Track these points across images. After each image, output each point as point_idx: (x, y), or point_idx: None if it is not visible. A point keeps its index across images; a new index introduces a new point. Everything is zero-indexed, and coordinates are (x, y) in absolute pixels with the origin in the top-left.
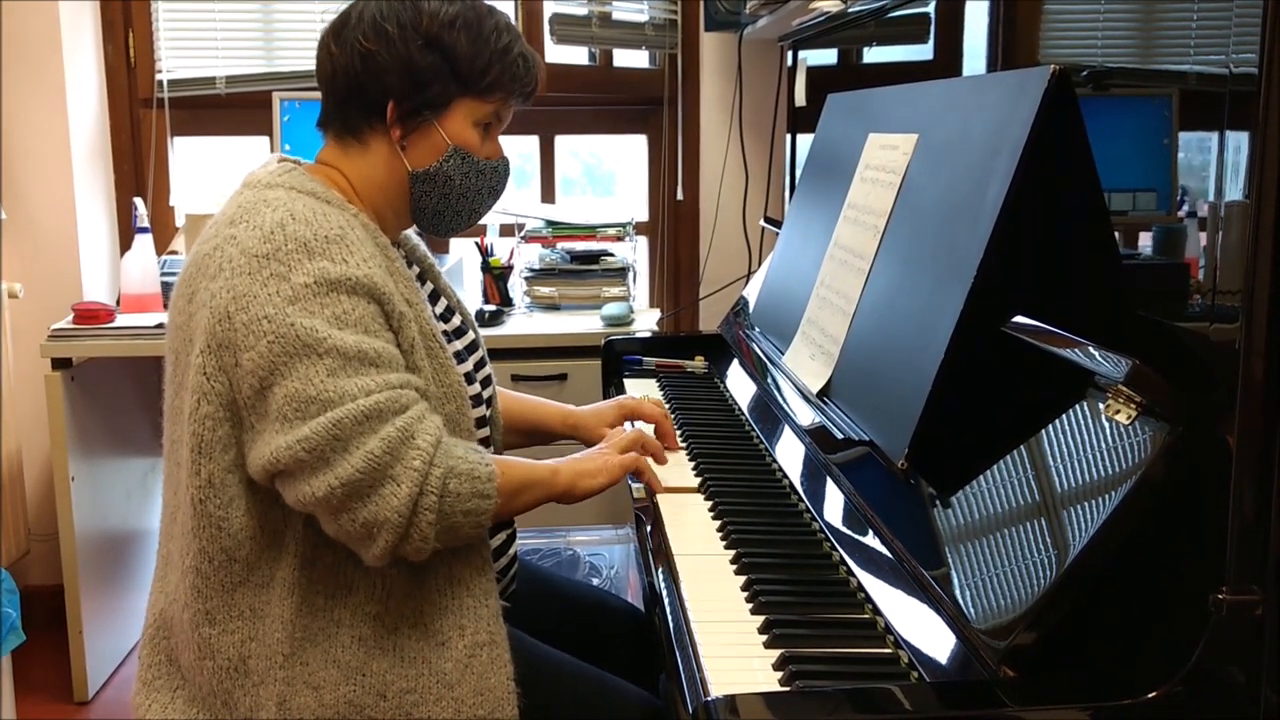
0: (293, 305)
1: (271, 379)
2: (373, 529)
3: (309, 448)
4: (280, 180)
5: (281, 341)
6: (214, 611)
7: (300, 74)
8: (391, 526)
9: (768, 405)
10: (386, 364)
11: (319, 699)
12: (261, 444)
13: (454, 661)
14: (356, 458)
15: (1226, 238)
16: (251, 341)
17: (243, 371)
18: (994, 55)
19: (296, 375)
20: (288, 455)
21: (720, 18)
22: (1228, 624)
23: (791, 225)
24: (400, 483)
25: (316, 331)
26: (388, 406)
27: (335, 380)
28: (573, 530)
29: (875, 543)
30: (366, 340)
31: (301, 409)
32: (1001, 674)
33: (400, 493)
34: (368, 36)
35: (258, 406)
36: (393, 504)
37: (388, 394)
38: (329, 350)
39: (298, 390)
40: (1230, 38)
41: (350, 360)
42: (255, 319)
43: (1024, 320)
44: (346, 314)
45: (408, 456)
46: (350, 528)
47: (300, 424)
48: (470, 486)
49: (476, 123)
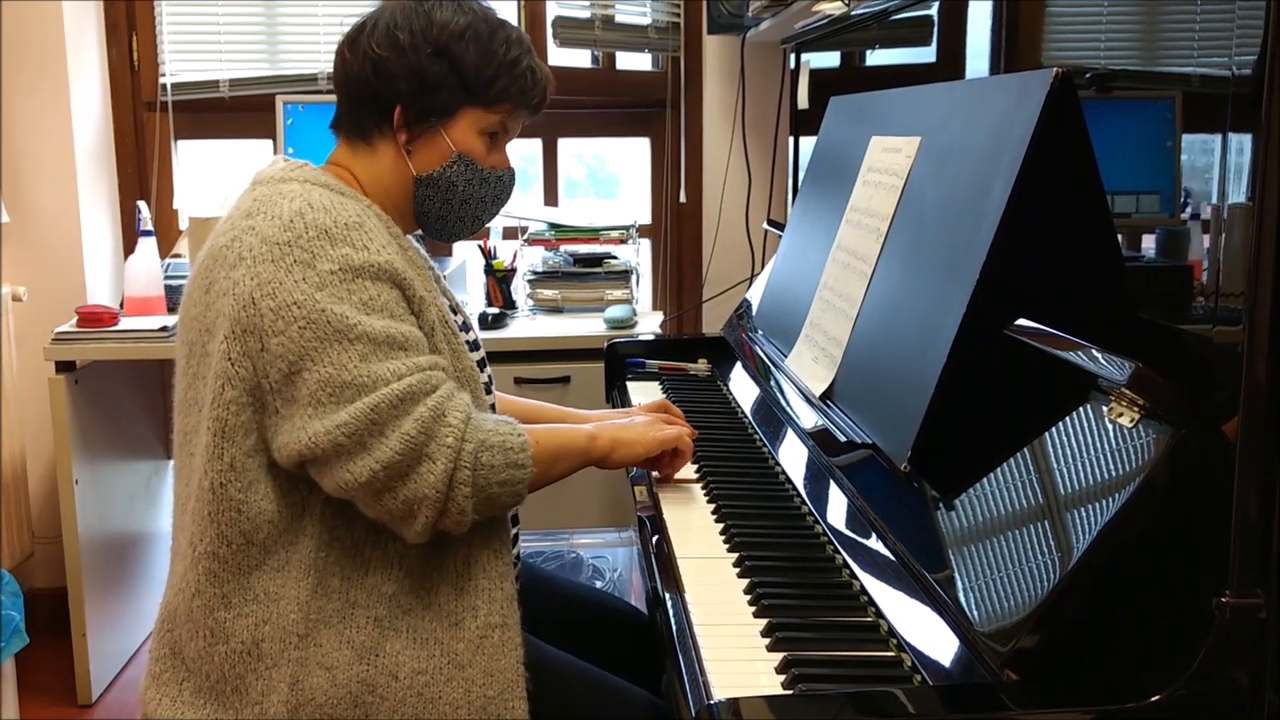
0: (321, 291)
1: (301, 364)
2: (414, 506)
3: (348, 433)
4: (293, 174)
5: (313, 327)
6: (230, 595)
7: (304, 77)
8: (430, 502)
9: (770, 408)
10: (414, 347)
11: (332, 679)
12: (293, 429)
13: (466, 642)
14: (394, 440)
15: (1229, 240)
16: (281, 327)
17: (270, 356)
18: (997, 58)
19: (329, 361)
20: (327, 440)
21: (723, 20)
22: (1231, 627)
23: (794, 228)
24: (435, 460)
25: (347, 318)
26: (419, 388)
27: (368, 365)
28: (576, 533)
29: (878, 545)
30: (393, 325)
31: (336, 394)
32: (1005, 677)
33: (436, 469)
34: (380, 43)
35: (284, 391)
36: (430, 480)
37: (419, 376)
38: (359, 336)
39: (331, 375)
40: (1233, 40)
41: (380, 345)
42: (283, 305)
43: (1026, 323)
44: (373, 299)
45: (440, 434)
46: (393, 506)
47: (336, 409)
48: (503, 458)
49: (482, 132)
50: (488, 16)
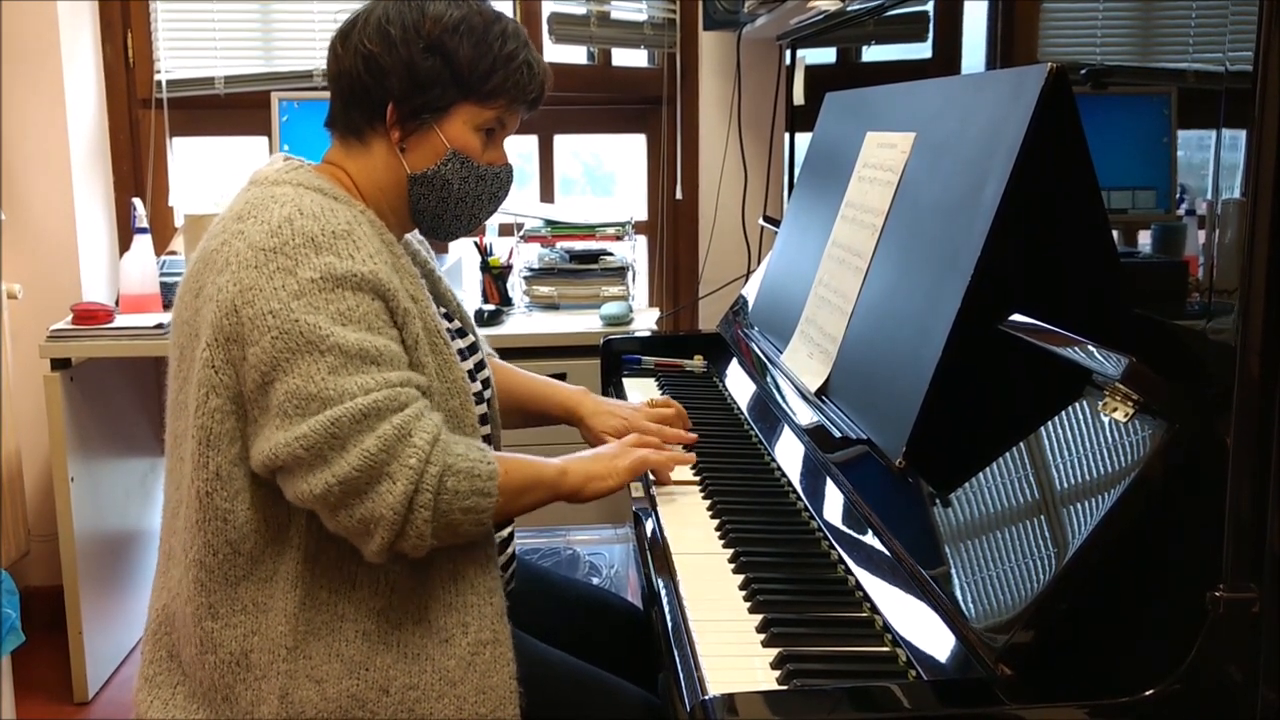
0: (297, 300)
1: (274, 374)
2: (370, 525)
3: (307, 445)
4: (288, 177)
5: (285, 338)
6: (217, 605)
7: (299, 74)
8: (388, 523)
9: (766, 404)
10: (388, 362)
11: (321, 693)
12: (262, 439)
13: (457, 659)
14: (353, 456)
15: (1223, 236)
16: (257, 336)
17: (248, 365)
18: (993, 53)
19: (298, 372)
20: (286, 452)
21: (719, 17)
22: (1225, 622)
23: (790, 224)
24: (396, 480)
25: (320, 329)
26: (386, 405)
27: (336, 378)
28: (572, 530)
29: (873, 541)
30: (369, 338)
31: (302, 406)
32: (999, 672)
33: (395, 490)
34: (371, 39)
35: (260, 401)
36: (388, 501)
37: (387, 392)
38: (331, 348)
39: (299, 387)
40: (1227, 35)
41: (352, 358)
42: (261, 313)
43: (1021, 318)
44: (350, 310)
45: (404, 455)
46: (348, 523)
47: (300, 421)
48: (469, 484)
49: (478, 128)
50: (483, 10)
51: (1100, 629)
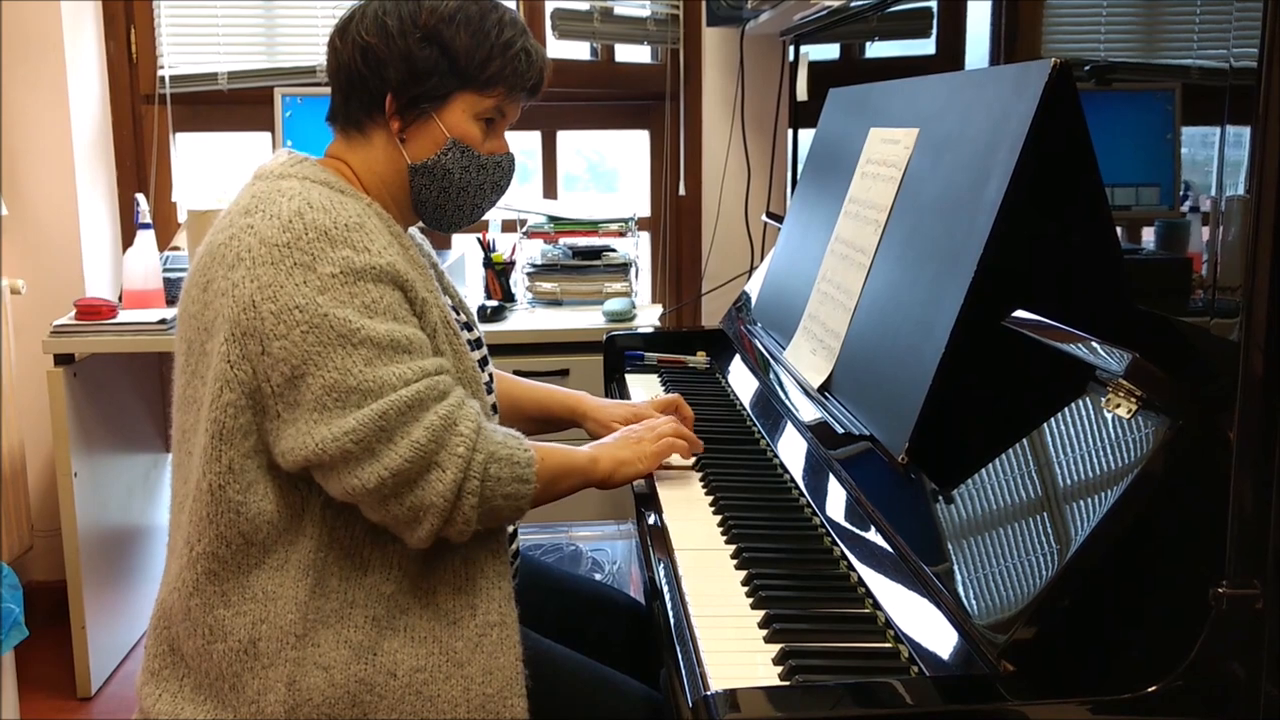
0: (323, 295)
1: (305, 369)
2: (419, 513)
3: (356, 439)
4: (293, 171)
5: (316, 332)
6: (229, 593)
7: (302, 69)
8: (437, 511)
9: (769, 400)
10: (418, 350)
11: (329, 679)
12: (297, 434)
13: (465, 640)
14: (403, 447)
15: (1227, 232)
16: (282, 331)
17: (271, 360)
18: (996, 49)
19: (332, 365)
20: (335, 447)
21: (722, 12)
22: (1227, 618)
23: (793, 220)
24: (446, 469)
25: (350, 322)
26: (428, 394)
27: (373, 370)
28: (575, 525)
29: (876, 538)
30: (397, 328)
31: (342, 399)
32: (1002, 668)
33: (446, 478)
34: (369, 31)
35: (287, 395)
36: (439, 489)
37: (427, 381)
38: (363, 340)
39: (336, 381)
40: (1231, 32)
41: (384, 349)
42: (285, 309)
43: (1024, 315)
44: (375, 302)
45: (452, 443)
46: (398, 512)
47: (342, 415)
48: (510, 471)
49: (478, 117)
50: None
51: (1103, 625)
